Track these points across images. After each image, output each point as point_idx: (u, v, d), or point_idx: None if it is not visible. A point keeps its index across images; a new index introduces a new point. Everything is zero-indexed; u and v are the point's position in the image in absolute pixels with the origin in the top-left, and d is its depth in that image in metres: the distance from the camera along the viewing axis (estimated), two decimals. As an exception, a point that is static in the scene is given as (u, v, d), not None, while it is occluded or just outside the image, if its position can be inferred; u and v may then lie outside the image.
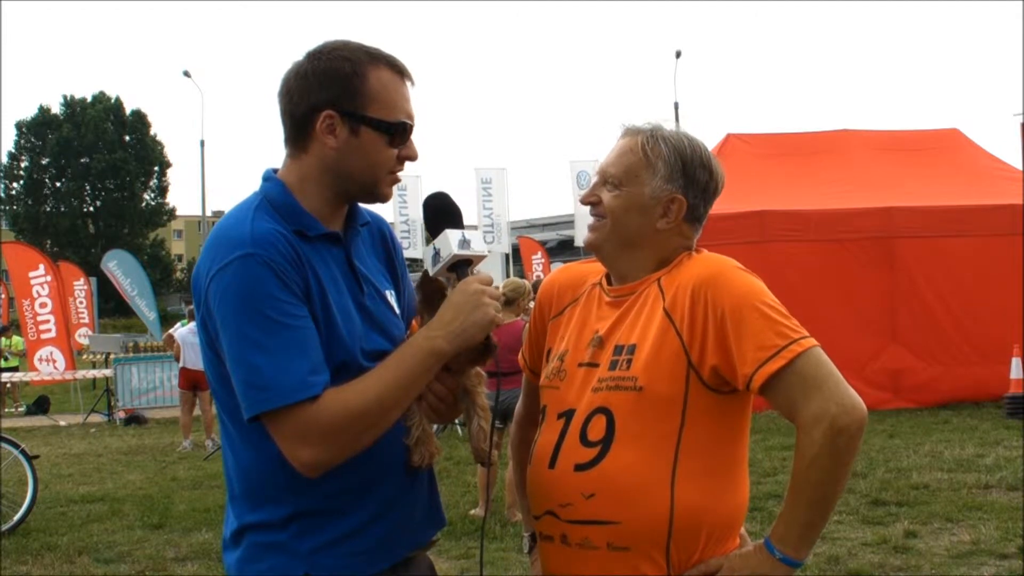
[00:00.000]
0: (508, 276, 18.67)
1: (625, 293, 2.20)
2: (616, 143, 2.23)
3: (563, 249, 32.39)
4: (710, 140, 16.13)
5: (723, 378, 2.05)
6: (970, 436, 10.61)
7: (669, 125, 2.22)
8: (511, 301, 7.93)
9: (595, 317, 2.24)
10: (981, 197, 13.51)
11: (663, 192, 2.16)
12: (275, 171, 2.13)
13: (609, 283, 2.27)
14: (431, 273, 2.09)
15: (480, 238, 2.10)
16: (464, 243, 2.06)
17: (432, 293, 2.10)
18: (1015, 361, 12.13)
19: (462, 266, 2.07)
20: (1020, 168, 14.47)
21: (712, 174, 2.21)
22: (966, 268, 12.97)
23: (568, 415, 2.15)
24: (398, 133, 2.06)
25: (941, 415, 12.17)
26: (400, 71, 2.07)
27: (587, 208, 2.24)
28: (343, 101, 2.01)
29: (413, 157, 2.10)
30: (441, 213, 2.13)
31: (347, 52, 2.04)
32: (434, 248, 2.09)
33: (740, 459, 2.15)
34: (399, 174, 2.11)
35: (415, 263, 24.26)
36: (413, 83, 2.10)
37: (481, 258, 2.09)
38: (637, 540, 2.04)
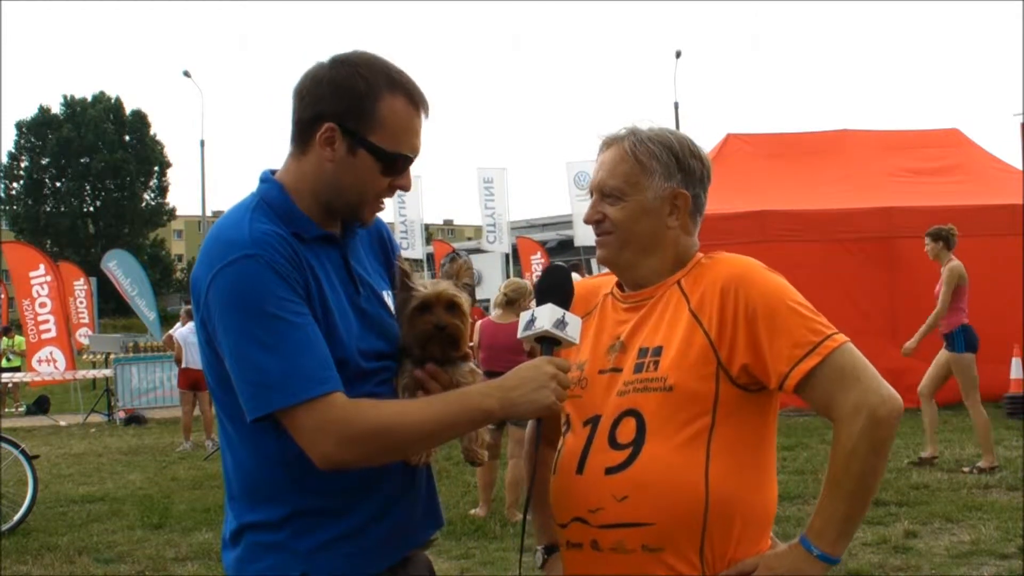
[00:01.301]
0: (508, 276, 18.68)
1: (644, 297, 2.20)
2: (601, 156, 2.22)
3: (563, 249, 32.37)
4: (710, 140, 16.15)
5: (753, 376, 2.05)
6: (970, 436, 10.59)
7: (644, 122, 2.21)
8: (512, 301, 7.94)
9: (612, 323, 2.23)
10: (981, 197, 13.49)
11: (665, 191, 2.15)
12: (272, 172, 2.13)
13: (622, 290, 2.26)
14: (518, 335, 2.10)
15: (578, 326, 2.10)
16: (560, 323, 2.06)
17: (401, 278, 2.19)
18: (1015, 361, 12.11)
19: (549, 343, 2.07)
20: (1020, 168, 14.46)
21: (702, 161, 2.22)
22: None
23: (594, 421, 2.14)
24: (395, 164, 2.04)
25: (941, 415, 12.13)
26: (416, 103, 2.05)
27: (584, 209, 2.23)
28: (348, 118, 2.00)
29: (405, 188, 2.09)
30: (555, 287, 2.12)
31: (367, 70, 2.01)
32: (532, 315, 2.09)
33: (769, 459, 2.15)
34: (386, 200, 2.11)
35: (414, 264, 24.25)
36: (428, 116, 2.07)
37: (570, 345, 2.09)
38: (672, 540, 2.03)
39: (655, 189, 2.15)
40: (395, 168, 2.05)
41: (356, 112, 2.00)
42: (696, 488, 2.02)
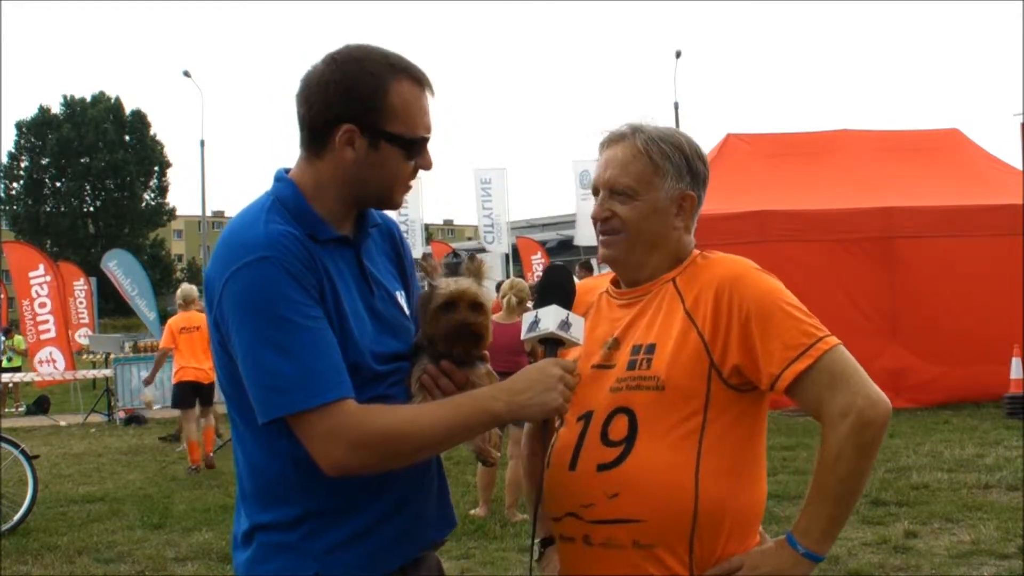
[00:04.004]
0: (508, 276, 18.66)
1: (639, 294, 2.22)
2: (608, 152, 2.21)
3: (563, 249, 32.34)
4: (710, 140, 16.15)
5: (745, 377, 2.08)
6: (970, 436, 10.61)
7: (647, 120, 2.22)
8: (523, 301, 7.87)
9: (606, 320, 2.25)
10: (981, 197, 13.50)
11: (675, 192, 2.18)
12: (287, 171, 2.12)
13: (617, 287, 2.28)
14: (522, 337, 2.10)
15: (582, 327, 2.10)
16: (564, 324, 2.06)
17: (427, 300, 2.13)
18: (1015, 361, 12.12)
19: (553, 344, 2.07)
20: (1020, 168, 14.46)
21: (706, 163, 2.25)
22: (966, 268, 12.96)
23: (587, 416, 2.15)
24: (416, 147, 2.06)
25: (941, 415, 12.17)
26: (421, 83, 2.06)
27: (590, 208, 2.24)
28: (364, 117, 2.00)
29: (428, 167, 2.11)
30: (556, 288, 2.13)
31: (371, 65, 2.01)
32: (536, 316, 2.09)
33: (759, 457, 2.17)
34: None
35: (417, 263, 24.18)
36: (434, 94, 2.08)
37: (574, 345, 2.09)
38: (662, 537, 2.05)
39: (667, 190, 2.17)
40: (417, 151, 2.06)
41: (371, 109, 2.00)
42: (686, 487, 2.04)
